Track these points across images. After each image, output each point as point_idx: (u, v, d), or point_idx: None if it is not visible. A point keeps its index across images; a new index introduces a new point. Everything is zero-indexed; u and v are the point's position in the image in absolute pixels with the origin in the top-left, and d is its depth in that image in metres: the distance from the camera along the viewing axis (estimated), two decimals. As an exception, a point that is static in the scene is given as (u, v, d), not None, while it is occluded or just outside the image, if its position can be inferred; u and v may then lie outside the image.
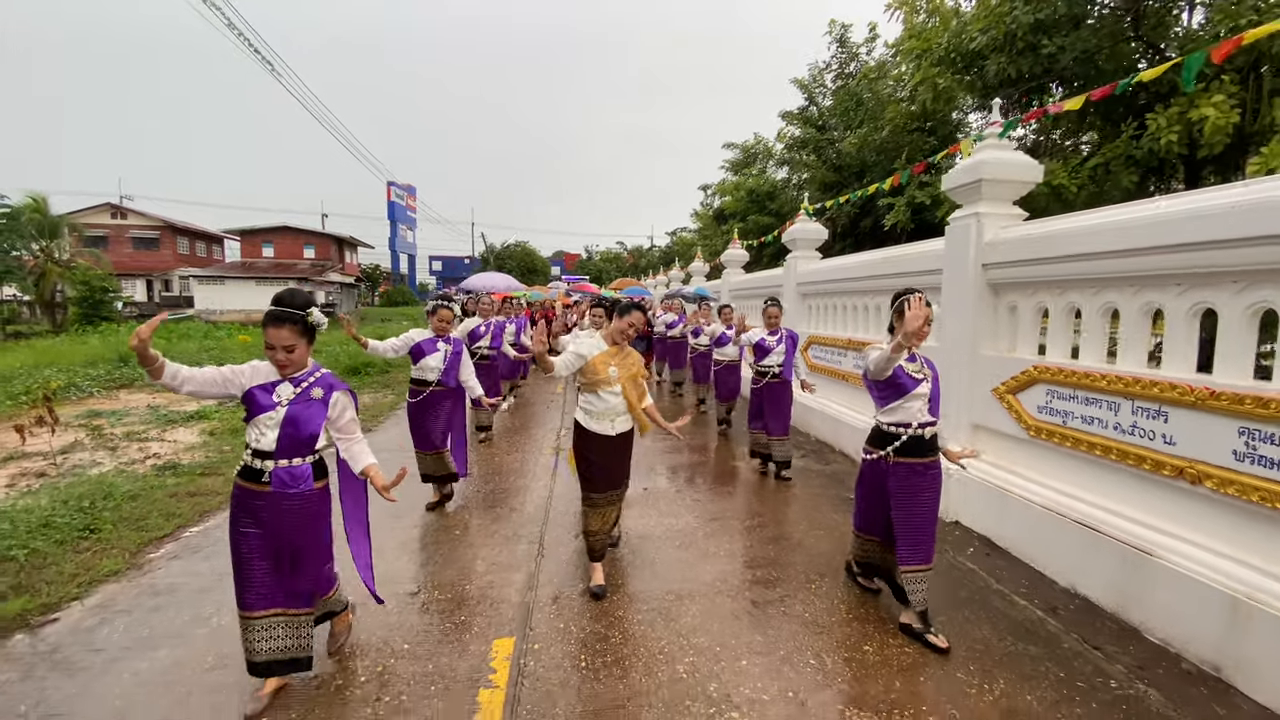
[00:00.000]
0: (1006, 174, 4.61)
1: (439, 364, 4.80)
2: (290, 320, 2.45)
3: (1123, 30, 7.33)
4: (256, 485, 2.50)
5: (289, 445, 2.50)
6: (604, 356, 3.47)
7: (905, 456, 3.09)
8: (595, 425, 3.49)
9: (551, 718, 2.52)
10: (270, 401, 2.49)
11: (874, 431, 3.24)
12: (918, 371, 3.11)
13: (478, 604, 3.46)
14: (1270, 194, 2.77)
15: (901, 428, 3.09)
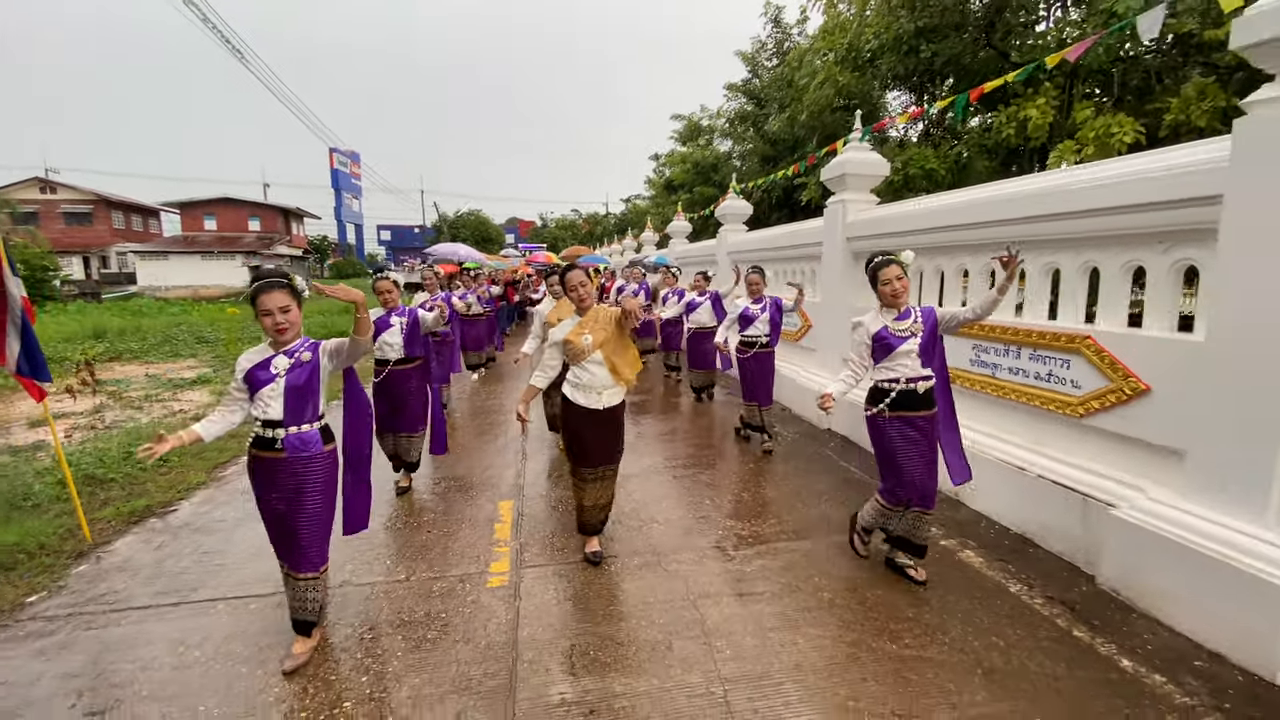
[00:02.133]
0: (863, 170, 6.19)
1: (397, 338, 4.59)
2: (279, 285, 2.58)
3: (981, 40, 8.95)
4: (271, 452, 2.62)
5: (296, 411, 2.63)
6: (576, 329, 3.38)
7: (900, 410, 3.19)
8: (582, 398, 3.40)
9: (541, 533, 4.03)
10: (269, 375, 2.60)
11: (871, 389, 3.32)
12: (905, 329, 3.18)
13: (484, 486, 4.94)
14: (1001, 191, 4.38)
15: (892, 383, 3.19)
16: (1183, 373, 3.08)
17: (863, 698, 2.49)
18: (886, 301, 3.22)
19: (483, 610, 3.16)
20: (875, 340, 3.22)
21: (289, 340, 2.66)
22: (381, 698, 2.54)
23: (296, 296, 2.64)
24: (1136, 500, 3.19)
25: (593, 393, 3.40)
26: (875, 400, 3.28)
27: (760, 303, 5.61)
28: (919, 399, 3.20)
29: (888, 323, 3.23)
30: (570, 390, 3.46)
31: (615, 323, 3.40)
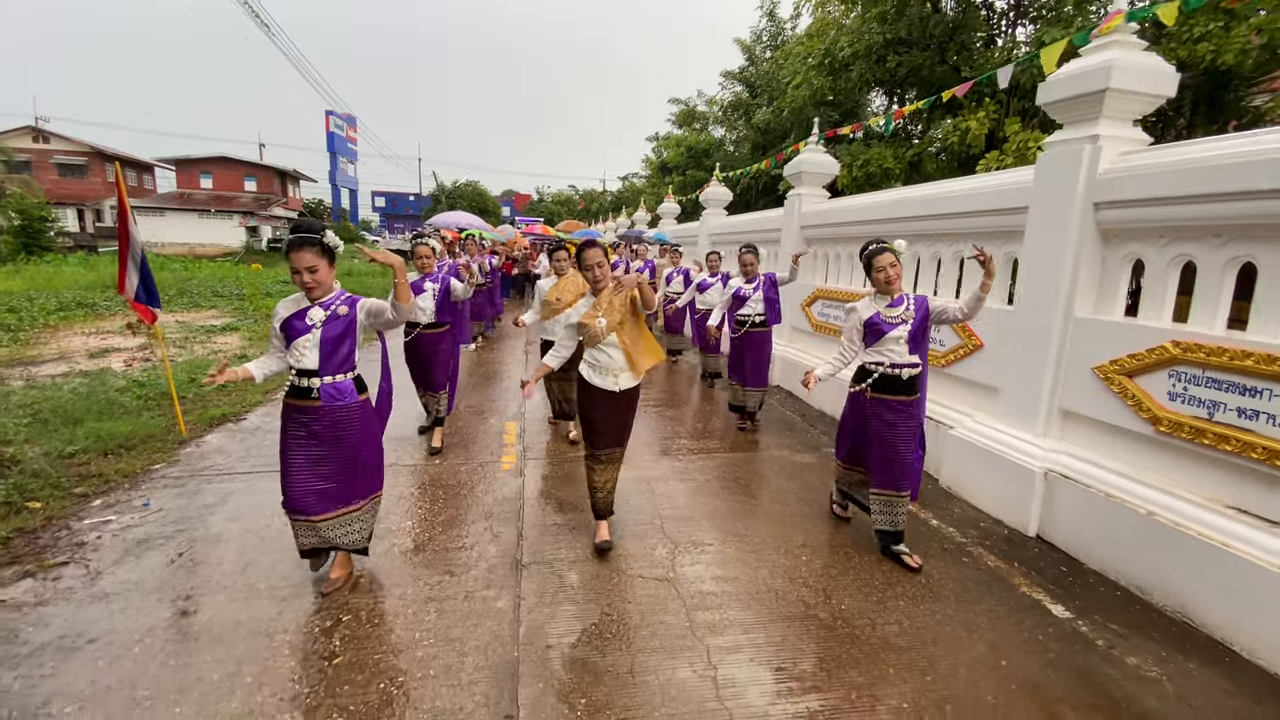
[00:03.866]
0: (817, 169, 7.38)
1: (429, 303, 4.71)
2: (310, 243, 2.58)
3: (937, 56, 10.11)
4: (307, 400, 2.71)
5: (330, 361, 2.70)
6: (590, 311, 3.26)
7: (881, 392, 3.35)
8: (598, 379, 3.30)
9: (538, 442, 5.27)
10: (305, 325, 2.67)
11: (858, 368, 3.48)
12: (896, 316, 3.30)
13: (492, 412, 6.17)
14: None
15: (877, 365, 3.34)
16: (1003, 332, 4.34)
17: (749, 531, 3.78)
18: (880, 288, 3.35)
19: (499, 480, 4.41)
20: (867, 325, 3.36)
21: (320, 296, 2.71)
22: (432, 519, 3.79)
23: (327, 254, 2.66)
24: (965, 423, 4.48)
25: (609, 375, 3.29)
26: (860, 379, 3.44)
27: (754, 281, 5.57)
28: (902, 384, 3.32)
29: (880, 309, 3.34)
30: (587, 371, 3.36)
31: (629, 305, 3.29)
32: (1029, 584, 3.30)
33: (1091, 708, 2.40)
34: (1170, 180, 3.25)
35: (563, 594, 3.04)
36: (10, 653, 2.54)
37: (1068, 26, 8.91)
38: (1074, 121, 3.83)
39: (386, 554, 3.39)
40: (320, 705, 2.28)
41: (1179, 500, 3.15)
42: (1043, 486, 3.77)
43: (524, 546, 3.50)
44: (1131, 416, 3.41)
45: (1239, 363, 2.92)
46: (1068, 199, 3.74)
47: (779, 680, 2.49)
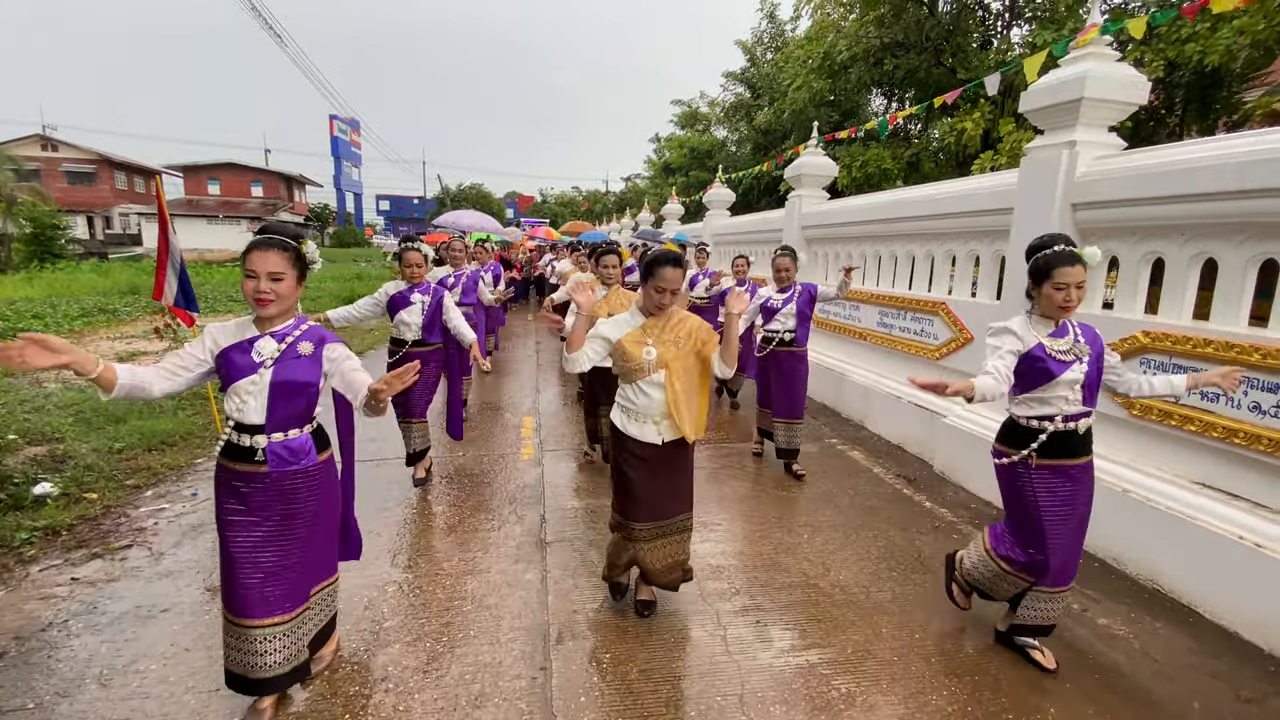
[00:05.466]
0: (816, 171, 7.66)
1: (416, 318, 4.16)
2: (280, 245, 2.01)
3: (933, 59, 10.37)
4: (249, 465, 2.05)
5: (281, 414, 2.06)
6: (637, 334, 2.56)
7: (1051, 457, 2.44)
8: (636, 429, 2.60)
9: (555, 435, 5.57)
10: (250, 362, 2.02)
11: (1005, 427, 2.57)
12: (1067, 351, 2.39)
13: (509, 408, 6.48)
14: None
15: (1043, 421, 2.42)
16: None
17: (755, 514, 4.07)
18: (1046, 309, 2.40)
19: (519, 470, 4.72)
20: (1029, 361, 2.37)
21: (274, 316, 2.07)
22: (461, 503, 4.09)
23: (299, 265, 2.08)
24: (958, 411, 4.76)
25: (647, 421, 2.57)
26: (1015, 441, 2.48)
27: (787, 292, 4.64)
28: (1078, 442, 2.44)
29: (1042, 338, 2.39)
30: (620, 417, 2.65)
31: (699, 352, 2.59)
32: (1013, 557, 3.57)
33: (1063, 657, 2.68)
34: (1139, 183, 3.52)
35: (584, 568, 3.34)
36: (92, 622, 2.84)
37: (1060, 28, 9.17)
38: (1053, 128, 4.10)
39: (423, 534, 3.70)
40: (374, 660, 2.58)
41: (1149, 478, 3.43)
42: (1027, 468, 4.04)
43: (546, 528, 3.79)
44: (1107, 402, 3.68)
45: (1201, 350, 3.20)
46: (1048, 200, 4.02)
47: (782, 639, 2.78)
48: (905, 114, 7.19)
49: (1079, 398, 2.42)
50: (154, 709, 2.29)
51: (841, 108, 14.93)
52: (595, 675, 2.51)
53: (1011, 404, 2.54)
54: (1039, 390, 2.41)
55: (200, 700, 2.33)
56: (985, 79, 5.43)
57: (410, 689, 2.41)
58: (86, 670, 2.51)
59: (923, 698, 2.43)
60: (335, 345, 2.19)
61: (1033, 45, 8.03)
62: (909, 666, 2.61)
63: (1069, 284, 2.31)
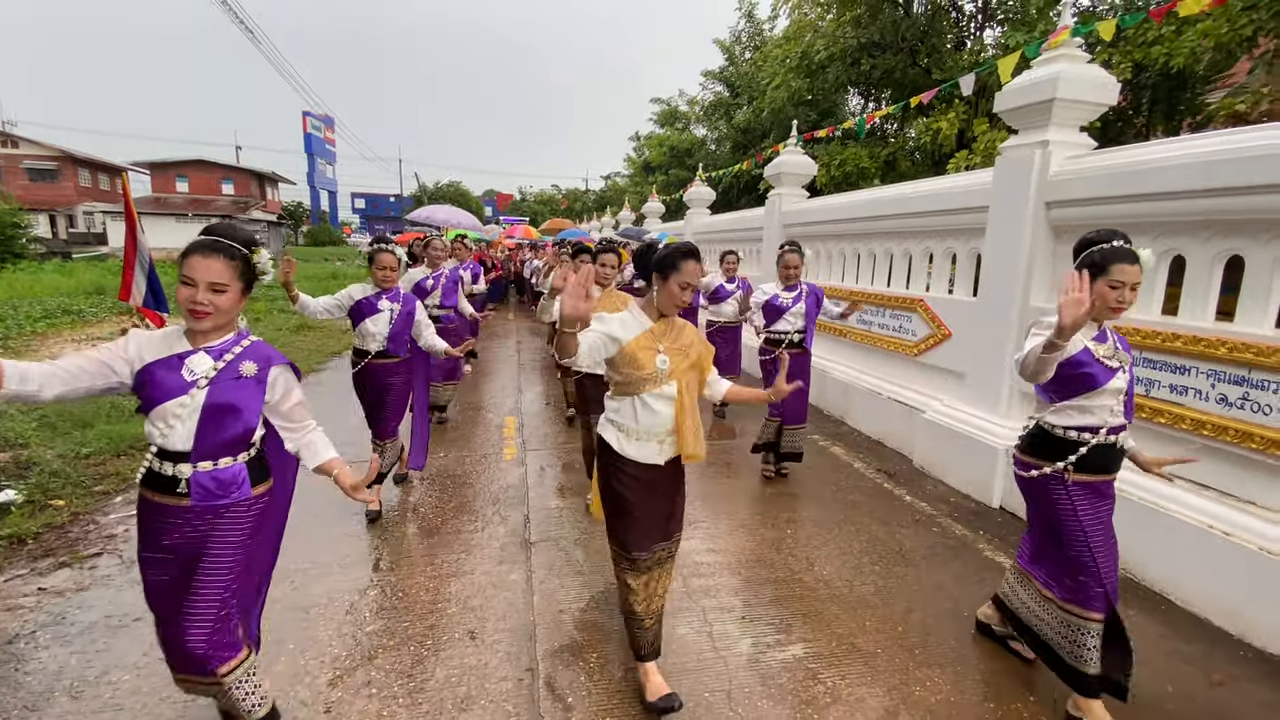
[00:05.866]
0: (796, 169, 7.72)
1: (383, 328, 3.74)
2: (226, 252, 1.77)
3: (909, 59, 10.51)
4: (170, 497, 1.79)
5: (212, 440, 1.79)
6: (646, 339, 2.21)
7: (1089, 473, 2.23)
8: (635, 449, 2.25)
9: (537, 434, 5.54)
10: (179, 381, 1.75)
11: (1035, 437, 2.35)
12: (1111, 356, 2.19)
13: (491, 409, 6.43)
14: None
15: (1083, 433, 2.21)
16: (968, 322, 4.69)
17: (738, 511, 4.09)
18: (1094, 310, 2.13)
19: (502, 471, 4.68)
20: (1073, 365, 2.14)
21: (209, 330, 1.81)
22: (443, 505, 4.05)
23: (246, 277, 1.83)
24: (936, 406, 4.83)
25: (649, 440, 2.24)
26: (1048, 452, 2.27)
27: (794, 290, 4.35)
28: (1115, 457, 2.26)
29: (1088, 342, 2.18)
30: (616, 437, 2.28)
31: (697, 364, 2.30)
32: (992, 548, 3.64)
33: (1041, 648, 2.73)
34: (1111, 182, 3.61)
35: (570, 567, 3.32)
36: (61, 633, 2.75)
37: (1031, 30, 9.35)
38: (1027, 128, 4.18)
39: (405, 537, 3.65)
40: (358, 666, 2.54)
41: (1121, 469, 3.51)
42: (1005, 462, 4.12)
43: (531, 528, 3.77)
44: (1080, 395, 3.77)
45: (1170, 344, 3.29)
46: (1023, 199, 4.09)
47: (767, 634, 2.79)
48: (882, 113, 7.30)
49: (1122, 409, 2.24)
50: (128, 720, 2.23)
51: (819, 107, 15.07)
52: (582, 675, 2.50)
53: (1045, 412, 2.31)
54: (1081, 398, 2.19)
55: (176, 710, 2.27)
56: (960, 79, 5.52)
57: (394, 694, 2.38)
58: (56, 683, 2.43)
59: (906, 689, 2.46)
60: (282, 371, 1.94)
61: (1005, 47, 8.19)
62: (892, 659, 2.65)
63: (1126, 283, 2.09)
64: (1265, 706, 2.44)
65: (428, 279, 5.34)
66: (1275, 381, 2.88)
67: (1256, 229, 3.02)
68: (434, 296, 5.32)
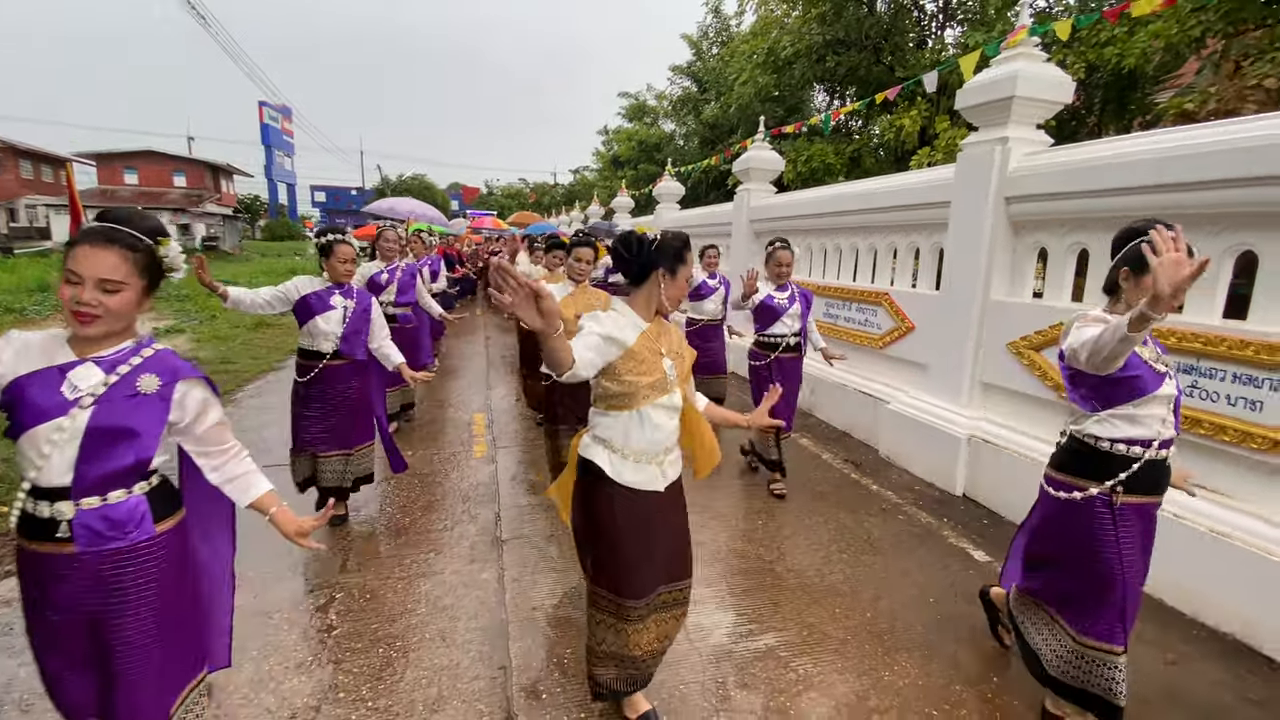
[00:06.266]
0: (763, 165, 7.77)
1: (336, 326, 3.38)
2: (124, 242, 1.47)
3: (873, 57, 10.69)
4: (50, 545, 1.45)
5: (99, 472, 1.46)
6: (647, 340, 1.91)
7: (1138, 494, 1.98)
8: (634, 474, 1.92)
9: (508, 431, 5.48)
10: (57, 400, 1.43)
11: (1074, 452, 2.08)
12: (1156, 360, 1.98)
13: (459, 406, 6.34)
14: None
15: (1134, 447, 1.95)
16: (931, 315, 4.80)
17: (710, 504, 4.12)
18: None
19: (472, 468, 4.62)
20: (1124, 368, 1.91)
21: (98, 337, 1.50)
22: (411, 505, 3.98)
23: (150, 274, 1.55)
24: (900, 397, 4.94)
25: (650, 463, 1.94)
26: (1093, 471, 2.01)
27: (786, 291, 4.13)
28: (1164, 475, 2.02)
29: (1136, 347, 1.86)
30: (611, 460, 1.92)
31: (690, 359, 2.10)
32: (956, 535, 3.74)
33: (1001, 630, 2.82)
34: (1066, 178, 3.72)
35: (543, 564, 3.30)
36: (8, 644, 2.62)
37: (990, 29, 9.60)
38: (987, 125, 4.29)
39: (372, 538, 3.57)
40: (325, 670, 2.48)
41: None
42: (967, 451, 4.24)
43: (502, 525, 3.73)
44: (1039, 385, 3.90)
45: (1122, 335, 3.41)
46: (983, 195, 4.20)
47: (740, 624, 2.82)
48: (847, 110, 7.42)
49: (1173, 419, 1.99)
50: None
51: (786, 103, 15.22)
52: (557, 671, 2.49)
53: (1086, 422, 2.04)
54: (1129, 405, 1.94)
55: None
56: (923, 77, 5.64)
57: (363, 697, 2.33)
58: (5, 696, 2.32)
59: (875, 674, 2.52)
60: (192, 386, 1.59)
61: (965, 46, 8.39)
62: (862, 645, 2.70)
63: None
64: (1216, 684, 2.56)
65: (381, 274, 5.00)
66: (1223, 369, 3.01)
67: (1204, 222, 3.15)
68: (389, 292, 4.98)
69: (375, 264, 5.07)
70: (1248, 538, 2.83)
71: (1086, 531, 2.03)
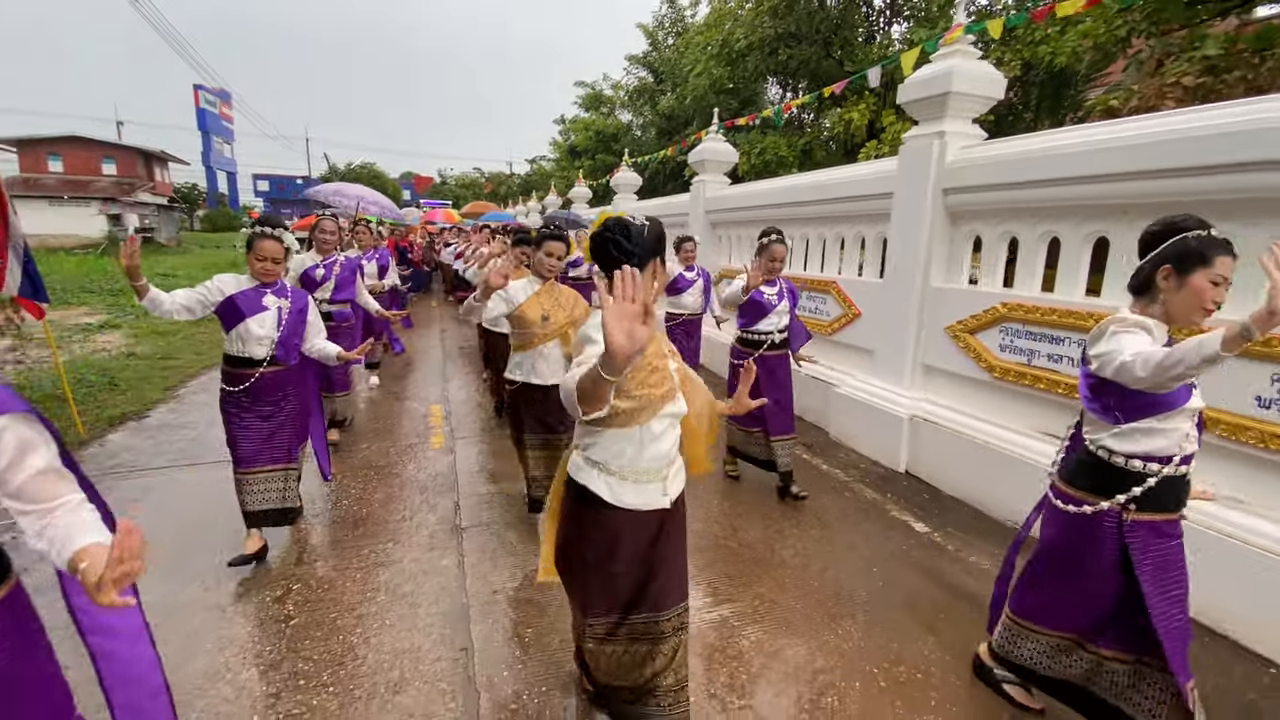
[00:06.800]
0: (718, 157, 7.91)
1: (270, 330, 3.02)
2: None
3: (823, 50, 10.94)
4: None
5: None
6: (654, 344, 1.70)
7: (1152, 511, 1.87)
8: (636, 495, 1.71)
9: (466, 422, 5.47)
10: None
11: (1087, 465, 1.98)
12: None
13: (415, 398, 6.28)
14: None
15: (1153, 462, 1.84)
16: (876, 302, 5.01)
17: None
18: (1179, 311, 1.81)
19: (430, 459, 4.61)
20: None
21: None
22: (368, 497, 3.96)
23: None
24: (849, 381, 5.15)
25: (654, 480, 1.73)
26: (1103, 486, 1.92)
27: (775, 286, 3.91)
28: (1184, 491, 1.91)
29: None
30: (606, 485, 1.69)
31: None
32: (899, 509, 3.96)
33: (940, 594, 3.03)
34: (998, 170, 3.95)
35: (503, 549, 3.35)
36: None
37: (934, 26, 9.94)
38: (926, 119, 4.49)
39: (326, 530, 3.55)
40: (284, 659, 2.48)
41: (1007, 431, 3.90)
42: (909, 430, 4.46)
43: (461, 514, 3.75)
44: (974, 367, 4.13)
45: (1047, 318, 3.66)
46: (923, 186, 4.40)
47: (696, 597, 2.93)
48: (797, 103, 7.60)
49: (1197, 433, 1.87)
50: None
51: (741, 95, 15.40)
52: (518, 649, 2.56)
53: (1104, 434, 1.91)
54: (1153, 418, 1.81)
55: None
56: (868, 72, 5.83)
57: (324, 683, 2.35)
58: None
59: (820, 638, 2.67)
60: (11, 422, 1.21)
61: (910, 42, 8.67)
62: (808, 613, 2.85)
63: (1225, 278, 1.73)
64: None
65: (317, 268, 4.53)
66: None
67: (1118, 212, 3.40)
68: (325, 289, 4.55)
69: (310, 256, 4.62)
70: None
71: (1093, 547, 1.94)
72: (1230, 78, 6.19)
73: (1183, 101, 6.38)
